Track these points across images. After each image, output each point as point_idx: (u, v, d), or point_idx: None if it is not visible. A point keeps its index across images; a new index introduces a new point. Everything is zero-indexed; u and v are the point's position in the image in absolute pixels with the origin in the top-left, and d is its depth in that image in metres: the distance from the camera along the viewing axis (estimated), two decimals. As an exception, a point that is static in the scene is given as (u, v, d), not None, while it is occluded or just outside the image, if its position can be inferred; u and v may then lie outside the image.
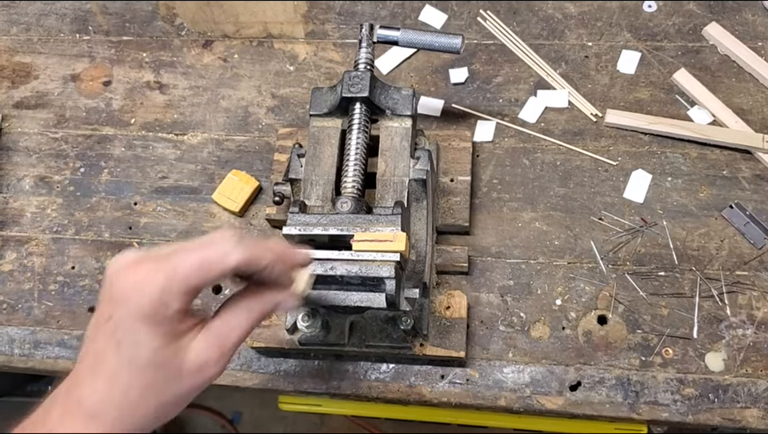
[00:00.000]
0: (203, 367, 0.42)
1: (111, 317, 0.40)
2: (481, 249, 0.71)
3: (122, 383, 0.40)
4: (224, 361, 0.43)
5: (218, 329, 0.42)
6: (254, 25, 0.85)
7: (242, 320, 0.43)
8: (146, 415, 0.41)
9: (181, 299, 0.40)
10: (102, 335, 0.41)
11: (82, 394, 0.40)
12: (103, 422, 0.40)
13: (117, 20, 0.88)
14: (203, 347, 0.42)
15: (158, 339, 0.40)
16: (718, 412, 0.63)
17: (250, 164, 0.78)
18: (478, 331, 0.67)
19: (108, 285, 0.41)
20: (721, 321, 0.65)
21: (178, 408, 0.42)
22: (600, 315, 0.67)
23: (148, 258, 0.40)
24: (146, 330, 0.39)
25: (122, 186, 0.79)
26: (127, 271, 0.40)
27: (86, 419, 0.40)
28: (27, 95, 0.85)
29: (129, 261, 0.41)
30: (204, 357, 0.42)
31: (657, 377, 0.64)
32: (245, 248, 0.41)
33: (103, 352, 0.40)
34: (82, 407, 0.40)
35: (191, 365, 0.41)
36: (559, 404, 0.64)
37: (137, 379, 0.40)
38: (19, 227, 0.78)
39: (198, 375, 0.42)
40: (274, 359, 0.69)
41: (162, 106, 0.82)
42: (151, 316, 0.39)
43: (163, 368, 0.40)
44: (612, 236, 0.70)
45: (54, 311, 0.73)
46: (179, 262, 0.40)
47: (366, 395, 0.67)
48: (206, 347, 0.42)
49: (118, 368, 0.40)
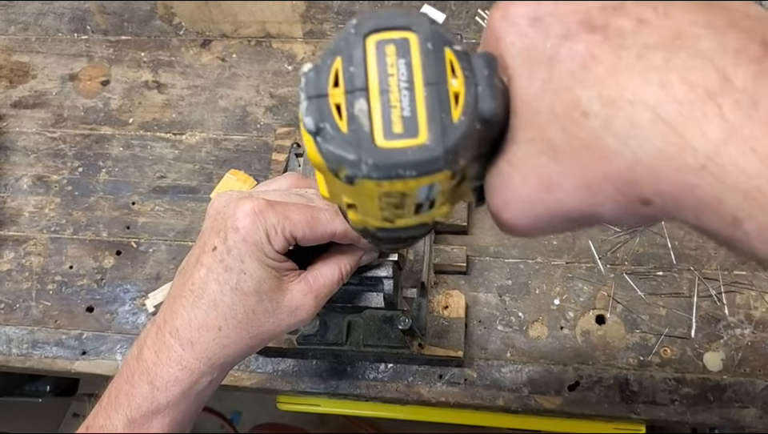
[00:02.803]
0: (298, 309, 0.44)
1: (218, 246, 0.42)
2: (479, 249, 0.71)
3: (224, 308, 0.42)
4: (316, 309, 0.45)
5: (315, 279, 0.45)
6: (252, 24, 0.85)
7: (334, 273, 0.46)
8: (240, 342, 0.43)
9: (284, 242, 0.42)
10: (205, 263, 0.42)
11: (178, 325, 0.42)
12: (200, 347, 0.42)
13: (115, 19, 0.88)
14: (300, 291, 0.44)
15: (263, 271, 0.42)
16: (716, 412, 0.63)
17: (248, 164, 0.78)
18: (476, 331, 0.67)
19: (215, 217, 0.43)
20: (719, 321, 0.66)
21: (265, 343, 0.45)
22: (598, 315, 0.67)
23: (257, 198, 0.43)
24: (255, 258, 0.42)
25: (120, 185, 0.79)
26: (239, 203, 0.42)
27: (183, 346, 0.42)
28: (25, 95, 0.85)
29: (237, 196, 0.43)
30: (300, 301, 0.44)
31: (655, 377, 0.64)
32: (343, 221, 0.43)
33: (205, 280, 0.42)
34: (179, 337, 0.42)
35: (288, 304, 0.44)
36: (557, 404, 0.64)
37: (240, 305, 0.42)
38: (17, 226, 0.78)
39: (292, 315, 0.44)
40: (272, 359, 0.69)
41: (160, 105, 0.82)
42: (260, 248, 0.42)
43: (264, 299, 0.43)
44: (610, 236, 0.70)
45: (52, 311, 0.73)
46: (291, 210, 0.42)
47: (364, 395, 0.67)
48: (302, 292, 0.44)
49: (221, 294, 0.42)
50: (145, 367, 0.43)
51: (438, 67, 0.25)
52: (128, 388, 0.43)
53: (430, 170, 0.25)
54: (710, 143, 0.21)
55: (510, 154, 0.27)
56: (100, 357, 0.71)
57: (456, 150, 0.25)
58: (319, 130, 0.26)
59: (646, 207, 0.23)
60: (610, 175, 0.23)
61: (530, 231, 0.28)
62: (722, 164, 0.21)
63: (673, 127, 0.21)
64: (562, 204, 0.25)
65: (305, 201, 0.45)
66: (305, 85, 0.26)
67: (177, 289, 0.44)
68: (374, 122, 0.25)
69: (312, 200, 0.46)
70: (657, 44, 0.22)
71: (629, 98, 0.22)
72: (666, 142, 0.22)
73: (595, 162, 0.24)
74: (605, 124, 0.23)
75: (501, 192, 0.28)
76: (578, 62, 0.24)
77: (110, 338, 0.71)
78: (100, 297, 0.73)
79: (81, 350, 0.71)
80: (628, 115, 0.22)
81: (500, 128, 0.27)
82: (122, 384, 0.44)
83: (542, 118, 0.25)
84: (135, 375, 0.43)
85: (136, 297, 0.73)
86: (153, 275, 0.74)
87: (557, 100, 0.24)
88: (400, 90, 0.25)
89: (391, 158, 0.25)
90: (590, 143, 0.23)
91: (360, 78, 0.25)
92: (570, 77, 0.24)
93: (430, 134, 0.25)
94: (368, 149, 0.25)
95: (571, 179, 0.25)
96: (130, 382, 0.43)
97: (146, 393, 0.42)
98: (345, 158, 0.25)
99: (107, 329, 0.72)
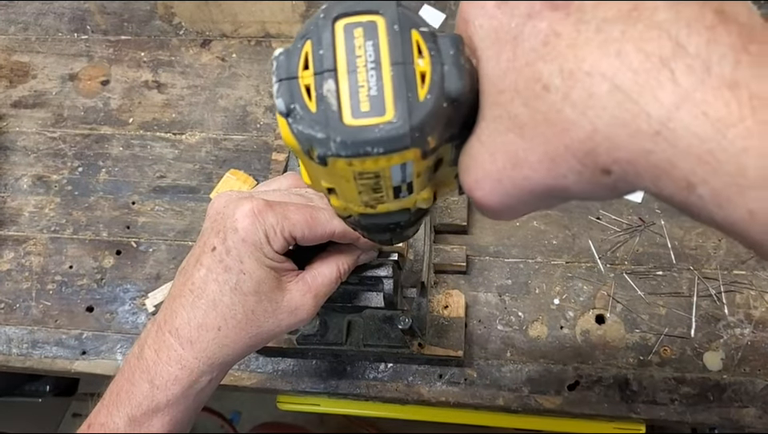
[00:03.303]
0: (297, 309, 0.44)
1: (218, 246, 0.42)
2: (479, 248, 0.71)
3: (224, 308, 0.42)
4: (315, 308, 0.46)
5: (314, 279, 0.45)
6: (252, 24, 0.85)
7: (332, 272, 0.46)
8: (240, 342, 0.43)
9: (283, 242, 0.43)
10: (205, 264, 0.43)
11: (178, 325, 0.43)
12: (199, 347, 0.43)
13: (115, 19, 0.88)
14: (299, 291, 0.45)
15: (263, 271, 0.42)
16: (716, 412, 0.63)
17: (248, 163, 0.78)
18: (476, 331, 0.67)
19: (215, 218, 0.43)
20: (718, 320, 0.66)
21: (265, 342, 0.45)
22: (598, 315, 0.67)
23: (256, 199, 0.43)
24: (254, 259, 0.42)
25: (120, 185, 0.79)
26: (238, 205, 0.42)
27: (183, 345, 0.43)
28: (25, 95, 0.85)
29: (237, 197, 0.43)
30: (299, 301, 0.44)
31: (654, 376, 0.64)
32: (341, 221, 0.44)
33: (205, 280, 0.43)
34: (178, 336, 0.43)
35: (287, 305, 0.44)
36: (557, 404, 0.64)
37: (240, 305, 0.42)
38: (17, 226, 0.78)
39: (292, 315, 0.44)
40: (272, 359, 0.69)
41: (160, 105, 0.82)
42: (259, 249, 0.42)
43: (264, 300, 0.43)
44: (610, 235, 0.70)
45: (52, 311, 0.73)
46: (290, 211, 0.43)
47: (364, 395, 0.67)
48: (301, 292, 0.45)
49: (220, 294, 0.42)
50: (145, 366, 0.43)
51: (404, 47, 0.26)
52: (129, 387, 0.43)
53: (397, 147, 0.25)
54: (663, 109, 0.21)
55: (479, 132, 0.28)
56: (100, 357, 0.71)
57: (422, 127, 0.25)
58: (290, 111, 0.26)
59: (607, 177, 0.24)
60: (570, 147, 0.24)
61: (501, 208, 0.28)
62: (674, 128, 0.21)
63: (628, 95, 0.22)
64: (528, 179, 0.26)
65: (304, 201, 0.45)
66: (276, 68, 0.27)
67: (177, 289, 0.44)
68: (341, 101, 0.26)
69: (311, 200, 0.46)
70: (615, 17, 0.23)
71: (587, 70, 0.23)
72: (622, 110, 0.22)
73: (556, 134, 0.24)
74: (564, 96, 0.23)
75: (472, 171, 0.28)
76: (540, 39, 0.24)
77: (110, 338, 0.71)
78: (100, 297, 0.73)
79: (81, 350, 0.71)
80: (586, 86, 0.23)
81: (469, 108, 0.28)
82: (123, 383, 0.44)
83: (507, 95, 0.25)
84: (136, 374, 0.43)
85: (136, 297, 0.73)
86: (153, 274, 0.74)
87: (519, 76, 0.25)
88: (367, 70, 0.26)
89: (359, 135, 0.25)
90: (550, 116, 0.24)
91: (329, 60, 0.26)
92: (533, 53, 0.24)
93: (397, 111, 0.25)
94: (336, 127, 0.25)
95: (536, 153, 0.25)
96: (131, 380, 0.44)
97: (147, 391, 0.43)
98: (314, 137, 0.26)
99: (107, 329, 0.72)
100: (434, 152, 0.28)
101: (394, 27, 0.26)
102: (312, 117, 0.26)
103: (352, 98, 0.25)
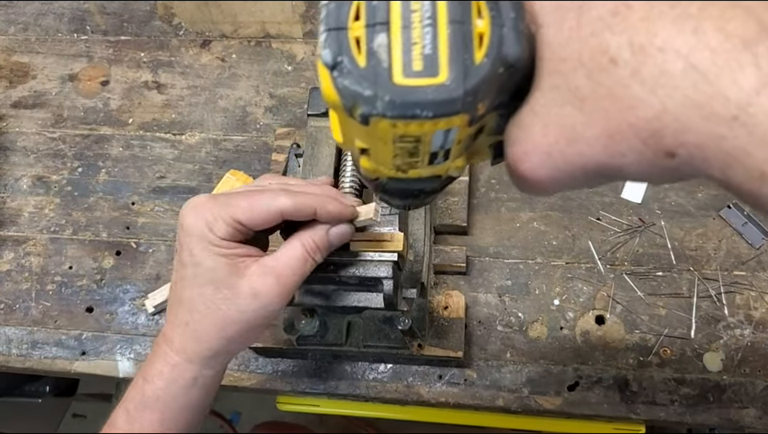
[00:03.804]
0: (259, 292, 0.44)
1: (177, 247, 0.45)
2: (479, 249, 0.71)
3: (187, 303, 0.44)
4: (282, 290, 0.44)
5: (274, 260, 0.45)
6: (251, 24, 0.85)
7: (296, 250, 0.45)
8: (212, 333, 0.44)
9: (225, 227, 0.43)
10: (174, 266, 0.45)
11: (163, 324, 0.46)
12: (177, 342, 0.44)
13: (115, 20, 0.88)
14: (257, 274, 0.44)
15: (213, 260, 0.43)
16: (716, 412, 0.63)
17: (247, 164, 0.78)
18: (475, 331, 0.67)
19: (180, 222, 0.45)
20: (718, 321, 0.66)
21: (244, 334, 0.45)
22: (598, 315, 0.67)
23: (211, 197, 0.45)
24: (202, 249, 0.43)
25: (119, 186, 0.79)
26: (193, 207, 0.44)
27: (167, 343, 0.45)
28: (25, 95, 0.85)
29: (196, 201, 0.45)
30: (259, 283, 0.44)
31: (654, 377, 0.64)
32: (293, 196, 0.44)
33: (174, 281, 0.45)
34: (163, 336, 0.45)
35: (247, 289, 0.44)
36: (557, 404, 0.64)
37: (198, 297, 0.43)
38: (17, 226, 0.78)
39: (255, 299, 0.44)
40: (272, 360, 0.68)
41: (159, 105, 0.82)
42: (204, 238, 0.43)
43: (222, 287, 0.43)
44: (610, 236, 0.70)
45: (52, 311, 0.73)
46: (232, 197, 0.44)
47: (364, 396, 0.67)
48: (259, 274, 0.44)
49: (181, 290, 0.44)
50: (144, 364, 0.47)
51: (463, 6, 0.24)
52: (132, 383, 0.47)
53: (448, 111, 0.24)
54: (743, 93, 0.20)
55: (533, 102, 0.26)
56: (99, 357, 0.71)
57: (476, 92, 0.24)
58: (336, 63, 0.25)
59: (670, 160, 0.23)
60: (635, 125, 0.23)
61: (547, 183, 0.27)
62: (754, 114, 0.20)
63: (704, 76, 0.21)
64: (582, 155, 0.25)
65: (255, 188, 0.47)
66: (325, 16, 0.25)
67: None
68: (393, 57, 0.24)
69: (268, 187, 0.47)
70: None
71: (659, 46, 0.21)
72: (696, 91, 0.21)
73: (620, 110, 0.23)
74: (633, 71, 0.22)
75: (521, 142, 0.27)
76: (609, 8, 0.23)
77: (110, 338, 0.71)
78: (100, 297, 0.73)
79: (80, 350, 0.71)
80: (658, 63, 0.22)
81: (523, 76, 0.26)
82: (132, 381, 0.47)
83: (568, 65, 0.24)
84: (138, 372, 0.47)
85: (136, 297, 0.73)
86: (152, 275, 0.74)
87: (584, 47, 0.24)
88: (423, 27, 0.24)
89: (409, 95, 0.24)
90: (616, 91, 0.23)
91: (382, 12, 0.24)
92: (600, 22, 0.23)
93: (451, 73, 0.24)
94: (385, 85, 0.24)
95: (594, 129, 0.24)
96: (135, 378, 0.47)
97: (139, 386, 0.46)
98: (361, 94, 0.24)
99: (107, 329, 0.72)
100: (481, 119, 0.26)
101: None
102: (360, 72, 0.24)
103: (404, 55, 0.24)
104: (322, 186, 0.49)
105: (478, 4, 0.25)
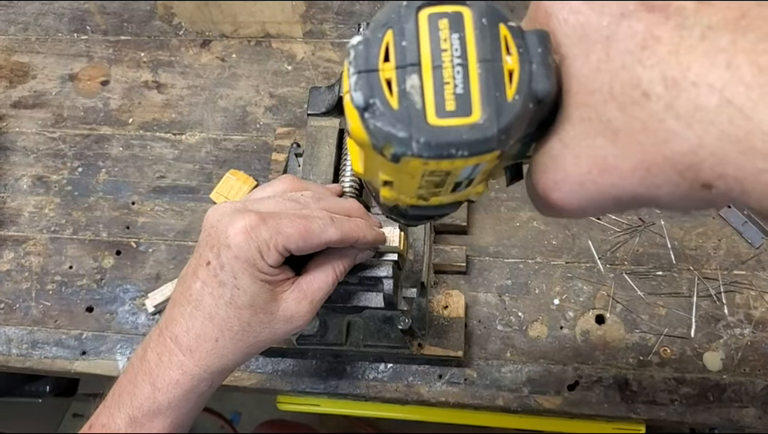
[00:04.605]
0: (293, 317, 0.45)
1: (212, 261, 0.42)
2: (479, 248, 0.71)
3: (220, 321, 0.43)
4: (312, 313, 0.46)
5: (308, 285, 0.45)
6: (251, 24, 0.85)
7: (328, 276, 0.46)
8: (238, 351, 0.44)
9: (277, 256, 0.42)
10: (201, 277, 0.43)
11: (177, 332, 0.43)
12: (199, 356, 0.43)
13: (115, 20, 0.88)
14: (295, 300, 0.45)
15: (256, 285, 0.43)
16: (716, 412, 0.63)
17: (247, 164, 0.78)
18: (475, 331, 0.67)
19: (209, 231, 0.43)
20: (718, 320, 0.66)
21: (264, 349, 0.46)
22: (598, 315, 0.67)
23: (251, 211, 0.43)
24: (248, 274, 0.42)
25: (119, 185, 0.79)
26: (232, 219, 0.42)
27: (183, 352, 0.43)
28: (25, 95, 0.85)
29: (231, 210, 0.43)
30: (294, 309, 0.45)
31: (654, 376, 0.64)
32: (340, 227, 0.44)
33: (201, 293, 0.43)
34: (178, 344, 0.44)
35: (283, 314, 0.44)
36: (557, 404, 0.64)
37: (235, 318, 0.43)
38: (17, 226, 0.78)
39: (288, 323, 0.45)
40: (272, 359, 0.69)
41: (159, 105, 0.82)
42: (252, 264, 0.42)
43: (259, 312, 0.43)
44: (610, 236, 0.70)
45: (52, 311, 0.73)
46: (284, 225, 0.42)
47: (364, 395, 0.67)
48: (296, 300, 0.45)
49: (216, 308, 0.43)
50: (147, 369, 0.44)
51: (492, 43, 0.24)
52: (131, 388, 0.44)
53: (483, 150, 0.24)
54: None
55: (562, 134, 0.26)
56: (100, 357, 0.71)
57: (509, 129, 0.24)
58: (368, 105, 0.25)
59: (707, 192, 0.23)
60: (671, 158, 0.23)
61: (577, 212, 0.27)
62: None
63: (740, 110, 0.21)
64: (615, 186, 0.25)
65: (299, 207, 0.45)
66: (354, 58, 0.25)
67: (176, 296, 0.45)
68: (426, 98, 0.24)
69: (308, 205, 0.45)
70: (721, 25, 0.22)
71: (692, 80, 0.22)
72: (733, 126, 0.21)
73: (656, 144, 0.23)
74: (667, 106, 0.22)
75: (552, 172, 0.27)
76: (637, 41, 0.23)
77: (110, 338, 0.71)
78: (100, 297, 0.73)
79: (80, 350, 0.71)
80: (692, 97, 0.22)
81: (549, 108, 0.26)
82: (125, 385, 0.45)
83: (598, 97, 0.24)
84: (138, 376, 0.44)
85: (136, 297, 0.73)
86: (152, 275, 0.74)
87: (615, 79, 0.24)
88: (453, 66, 0.24)
89: (444, 136, 0.24)
90: (650, 125, 0.23)
91: (412, 53, 0.24)
92: (629, 56, 0.23)
93: (484, 112, 0.24)
94: (420, 127, 0.24)
95: (629, 162, 0.24)
96: (133, 382, 0.44)
97: (148, 393, 0.43)
98: (395, 135, 0.24)
99: (107, 329, 0.72)
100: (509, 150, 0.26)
101: (482, 21, 0.24)
102: (393, 114, 0.24)
103: (437, 95, 0.24)
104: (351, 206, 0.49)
105: (506, 38, 0.25)
